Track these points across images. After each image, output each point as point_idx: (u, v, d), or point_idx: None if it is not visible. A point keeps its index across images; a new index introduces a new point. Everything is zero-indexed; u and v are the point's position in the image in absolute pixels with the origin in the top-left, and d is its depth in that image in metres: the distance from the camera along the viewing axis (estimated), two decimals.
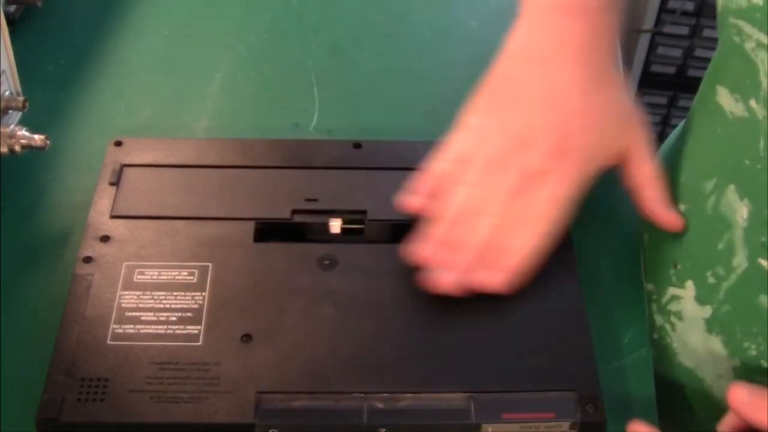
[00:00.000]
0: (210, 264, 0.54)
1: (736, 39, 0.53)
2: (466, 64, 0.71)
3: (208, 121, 0.68)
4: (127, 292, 0.52)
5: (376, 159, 0.60)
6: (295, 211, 0.57)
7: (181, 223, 0.56)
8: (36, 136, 0.59)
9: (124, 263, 0.54)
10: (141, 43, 0.72)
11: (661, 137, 0.92)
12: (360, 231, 0.57)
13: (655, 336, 0.62)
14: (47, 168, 0.63)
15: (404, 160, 0.59)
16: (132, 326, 0.51)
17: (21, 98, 0.60)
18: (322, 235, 0.57)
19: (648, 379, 0.57)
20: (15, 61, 0.59)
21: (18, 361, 0.55)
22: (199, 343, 0.50)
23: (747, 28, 0.52)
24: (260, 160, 0.60)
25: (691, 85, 0.63)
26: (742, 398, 0.48)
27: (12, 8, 0.70)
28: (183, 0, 0.75)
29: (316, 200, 0.58)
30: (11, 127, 0.59)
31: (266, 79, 0.71)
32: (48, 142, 0.59)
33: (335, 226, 0.57)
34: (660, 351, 0.62)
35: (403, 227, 0.56)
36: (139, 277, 0.53)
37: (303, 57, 0.71)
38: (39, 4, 0.69)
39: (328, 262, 0.54)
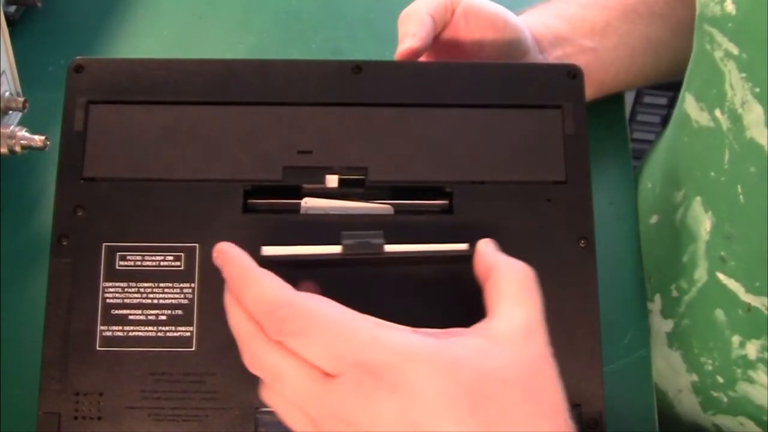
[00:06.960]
0: (197, 245, 0.50)
1: (708, 47, 0.52)
2: None
3: None
4: (110, 284, 0.50)
5: (380, 88, 0.54)
6: (286, 169, 0.52)
7: (161, 187, 0.51)
8: (36, 137, 0.60)
9: (103, 244, 0.50)
10: (141, 43, 0.72)
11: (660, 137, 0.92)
12: (360, 183, 0.52)
13: None
14: (47, 168, 0.63)
15: (412, 90, 0.54)
16: (120, 328, 0.49)
17: (21, 99, 0.60)
18: (317, 189, 0.53)
19: (648, 379, 0.57)
20: (15, 62, 0.60)
21: (18, 361, 0.55)
22: (193, 349, 0.49)
23: (718, 36, 0.51)
24: (247, 92, 0.53)
25: None
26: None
27: (12, 8, 0.70)
28: (183, 0, 0.75)
29: (310, 152, 0.52)
30: (11, 127, 0.59)
31: None
32: (48, 142, 0.60)
33: (332, 180, 0.52)
34: None
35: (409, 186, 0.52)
36: (121, 263, 0.50)
37: (303, 57, 0.71)
38: (39, 4, 0.70)
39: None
